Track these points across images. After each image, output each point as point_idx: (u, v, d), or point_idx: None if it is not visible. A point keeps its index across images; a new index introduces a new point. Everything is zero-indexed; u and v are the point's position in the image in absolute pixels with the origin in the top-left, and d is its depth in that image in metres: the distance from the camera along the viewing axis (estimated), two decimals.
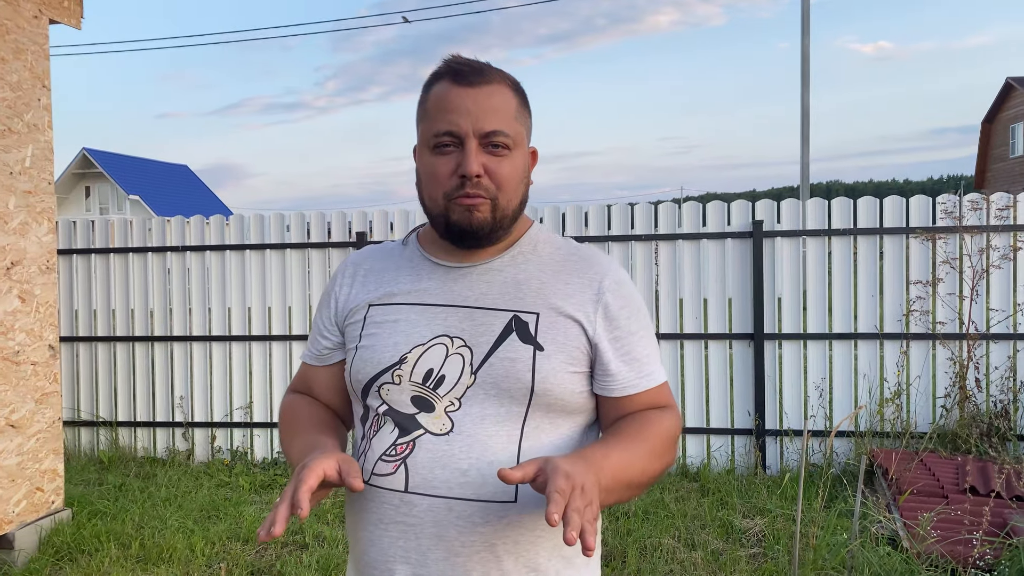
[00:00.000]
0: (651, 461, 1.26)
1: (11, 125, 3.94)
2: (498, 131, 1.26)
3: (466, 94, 1.27)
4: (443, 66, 1.31)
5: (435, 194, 1.30)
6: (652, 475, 1.27)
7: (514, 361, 1.26)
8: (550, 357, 1.27)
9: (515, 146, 1.30)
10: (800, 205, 5.43)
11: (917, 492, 4.21)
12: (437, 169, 1.28)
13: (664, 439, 1.30)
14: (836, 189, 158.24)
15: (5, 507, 3.90)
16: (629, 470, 1.22)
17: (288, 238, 5.95)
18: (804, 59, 15.89)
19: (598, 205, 5.68)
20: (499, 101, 1.28)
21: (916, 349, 5.27)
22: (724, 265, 5.48)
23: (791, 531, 4.05)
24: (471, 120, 1.26)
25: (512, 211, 1.31)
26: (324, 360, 1.45)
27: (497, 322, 1.29)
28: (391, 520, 1.27)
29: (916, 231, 5.23)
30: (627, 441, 1.25)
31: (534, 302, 1.30)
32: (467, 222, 1.28)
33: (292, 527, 4.43)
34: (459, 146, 1.27)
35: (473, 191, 1.26)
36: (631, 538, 4.11)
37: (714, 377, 5.50)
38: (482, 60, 1.33)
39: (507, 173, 1.28)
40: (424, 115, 1.32)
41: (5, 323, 3.90)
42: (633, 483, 1.23)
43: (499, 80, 1.30)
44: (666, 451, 1.31)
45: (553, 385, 1.26)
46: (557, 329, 1.29)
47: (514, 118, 1.30)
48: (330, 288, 1.46)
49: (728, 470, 5.34)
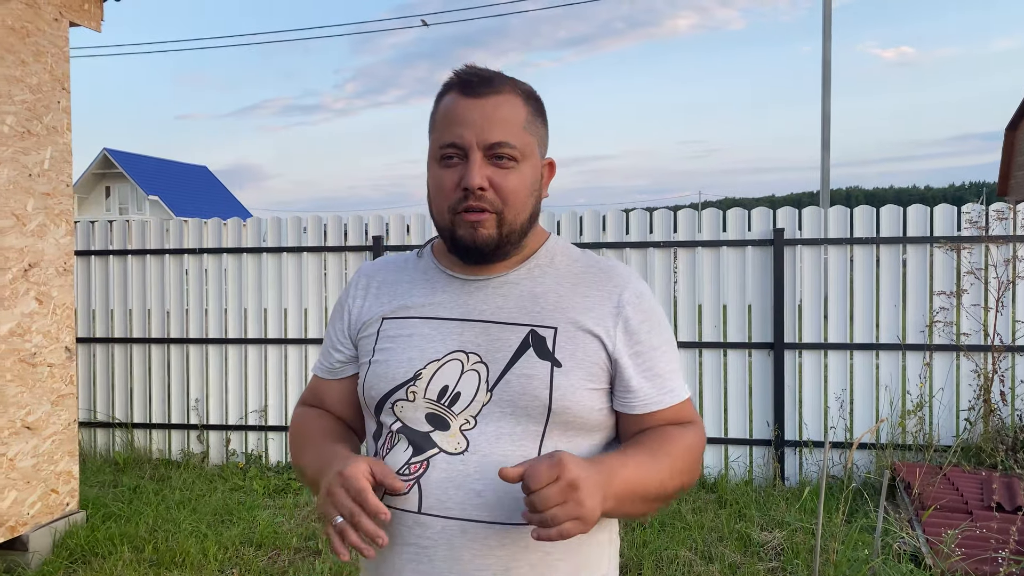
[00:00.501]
0: (671, 476, 1.22)
1: (30, 127, 3.95)
2: (503, 143, 1.22)
3: (472, 105, 1.23)
4: (453, 77, 1.28)
5: (441, 206, 1.27)
6: (671, 491, 1.23)
7: (531, 378, 1.22)
8: (568, 373, 1.23)
9: (523, 158, 1.25)
10: (822, 213, 5.36)
11: (941, 508, 4.13)
12: (443, 181, 1.25)
13: (687, 455, 1.26)
14: (856, 195, 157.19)
15: (20, 509, 3.90)
16: (646, 482, 1.18)
17: (305, 241, 5.94)
18: (825, 64, 15.75)
19: (616, 211, 5.63)
20: (507, 112, 1.24)
21: (939, 361, 5.18)
22: (744, 273, 5.41)
23: (810, 545, 3.98)
24: (476, 131, 1.22)
25: (520, 225, 1.27)
26: (336, 374, 1.42)
27: (514, 337, 1.25)
28: (404, 541, 1.24)
29: (940, 240, 5.15)
30: (647, 453, 1.22)
31: (552, 316, 1.26)
32: (471, 238, 1.25)
33: (305, 532, 4.40)
34: (464, 158, 1.23)
35: (476, 204, 1.23)
36: (647, 549, 4.06)
37: (733, 386, 5.43)
38: (494, 69, 1.29)
39: (513, 186, 1.24)
40: (433, 126, 1.29)
41: (22, 325, 3.90)
42: (649, 496, 1.19)
43: (509, 90, 1.26)
44: (689, 468, 1.27)
45: (572, 403, 1.22)
46: (576, 344, 1.25)
47: (523, 129, 1.25)
48: (343, 299, 1.42)
49: (746, 481, 5.27)
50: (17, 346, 3.87)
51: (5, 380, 3.80)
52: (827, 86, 15.74)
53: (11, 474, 3.84)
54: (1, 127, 3.77)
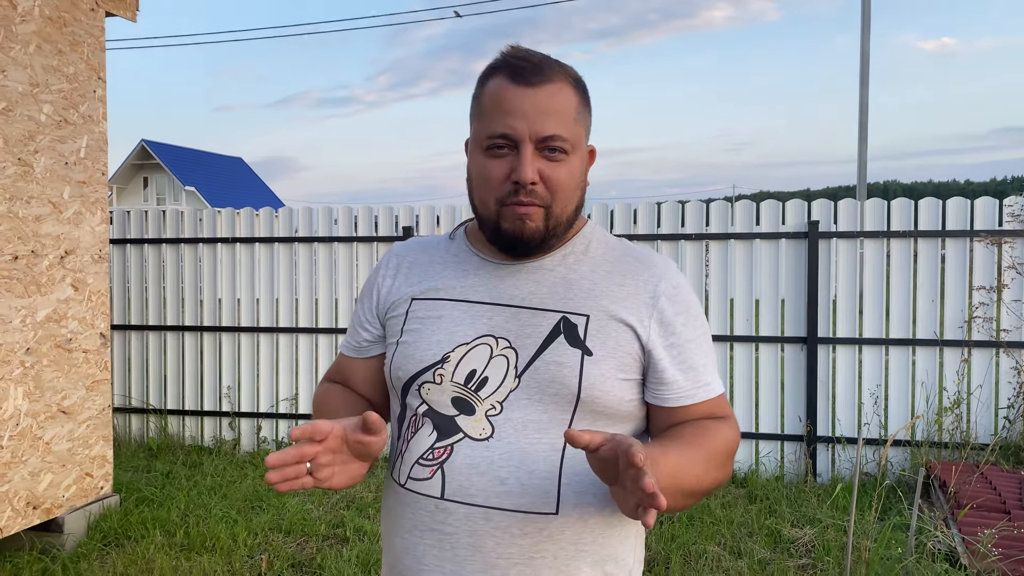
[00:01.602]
0: (707, 470, 1.19)
1: (67, 116, 4.00)
2: (556, 136, 1.19)
3: (524, 94, 1.19)
4: (500, 60, 1.23)
5: (486, 197, 1.23)
6: (707, 486, 1.19)
7: (561, 365, 1.20)
8: (599, 362, 1.20)
9: (573, 150, 1.22)
10: (858, 205, 5.26)
11: (977, 507, 4.04)
12: (490, 172, 1.21)
13: (722, 450, 1.23)
14: (894, 189, 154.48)
15: (56, 491, 3.98)
16: (684, 474, 1.14)
17: (336, 231, 5.97)
18: (864, 56, 15.48)
19: (648, 203, 5.57)
20: (559, 103, 1.20)
21: (978, 357, 5.06)
22: (778, 266, 5.34)
23: (842, 543, 3.92)
24: (528, 123, 1.18)
25: (567, 218, 1.25)
26: (363, 352, 1.40)
27: (545, 323, 1.23)
28: (426, 527, 1.22)
29: (981, 234, 5.02)
30: (685, 445, 1.18)
31: (585, 303, 1.24)
32: (519, 232, 1.21)
33: (333, 520, 4.43)
34: (514, 149, 1.19)
35: (527, 199, 1.19)
36: (675, 544, 4.02)
37: (764, 381, 5.37)
38: (542, 53, 1.24)
39: (563, 179, 1.21)
40: (479, 112, 1.25)
41: (58, 311, 3.97)
42: (685, 489, 1.15)
43: (560, 78, 1.21)
44: (723, 463, 1.23)
45: (601, 392, 1.20)
46: (608, 333, 1.22)
47: (574, 120, 1.22)
48: (372, 279, 1.40)
49: (777, 477, 5.20)
50: (53, 332, 3.94)
51: (42, 365, 3.86)
52: (865, 78, 15.47)
53: (47, 457, 3.91)
54: (39, 116, 3.83)
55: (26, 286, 3.77)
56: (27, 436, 3.78)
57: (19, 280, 3.73)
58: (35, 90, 3.80)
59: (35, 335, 3.82)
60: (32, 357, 3.80)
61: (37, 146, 3.82)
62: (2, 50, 3.62)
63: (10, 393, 3.69)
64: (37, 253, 3.83)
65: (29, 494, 3.80)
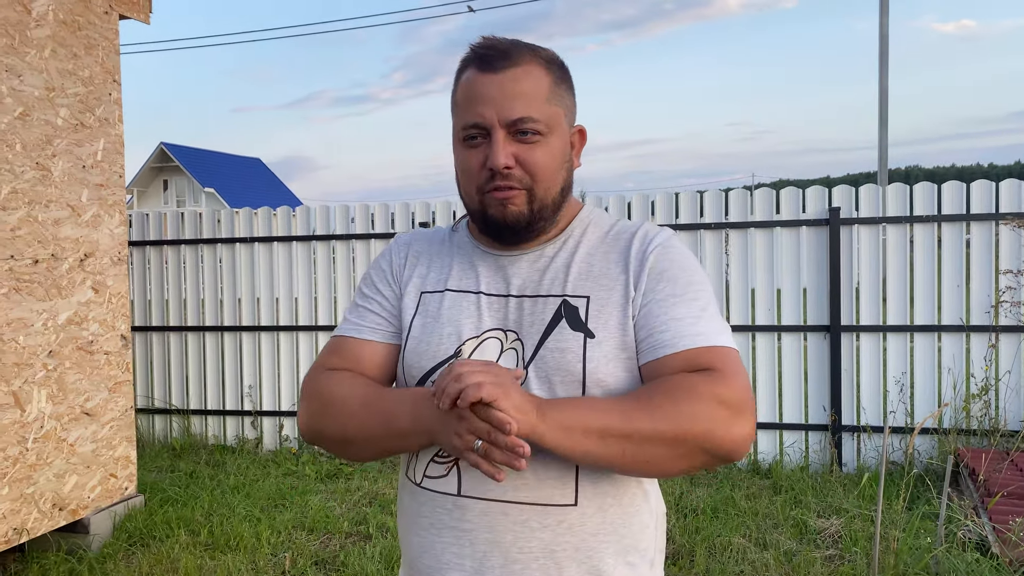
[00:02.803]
0: (642, 412, 1.08)
1: (83, 119, 4.02)
2: (526, 117, 1.18)
3: (490, 81, 1.18)
4: (469, 52, 1.23)
5: (469, 188, 1.23)
6: (648, 430, 1.08)
7: (564, 351, 1.18)
8: (601, 344, 1.18)
9: (549, 131, 1.20)
10: (879, 191, 5.18)
11: (1008, 495, 3.96)
12: (468, 163, 1.21)
13: (669, 393, 1.10)
14: (915, 174, 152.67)
15: (81, 492, 4.01)
16: (602, 413, 1.08)
17: (353, 229, 5.97)
18: (883, 40, 15.28)
19: (666, 193, 5.52)
20: (528, 85, 1.18)
21: (1006, 342, 4.97)
22: (799, 254, 5.27)
23: (870, 533, 3.86)
24: (496, 109, 1.17)
25: (552, 200, 1.23)
26: (380, 330, 1.30)
27: (548, 309, 1.21)
28: (444, 525, 1.21)
29: (1007, 217, 4.93)
30: (609, 394, 1.16)
31: (583, 285, 1.22)
32: (502, 216, 1.21)
33: (356, 517, 4.44)
34: (487, 137, 1.19)
35: (504, 183, 1.18)
36: (699, 536, 3.98)
37: (787, 371, 5.31)
38: (513, 40, 1.23)
39: (541, 161, 1.19)
40: (454, 107, 1.25)
41: (79, 313, 3.99)
42: (612, 430, 1.07)
43: (528, 60, 1.20)
44: (673, 405, 1.08)
45: (605, 374, 1.17)
46: (609, 312, 1.20)
47: (546, 100, 1.20)
48: (385, 259, 1.37)
49: (802, 467, 5.14)
50: (75, 334, 3.96)
51: (64, 367, 3.89)
52: (884, 62, 15.27)
53: (72, 459, 3.94)
54: (55, 120, 3.85)
55: (47, 289, 3.80)
56: (51, 438, 3.81)
57: (40, 284, 3.76)
58: (51, 94, 3.82)
59: (57, 338, 3.85)
60: (54, 360, 3.83)
61: (54, 150, 3.84)
62: (18, 55, 3.64)
63: (34, 396, 3.72)
64: (57, 256, 3.86)
65: (55, 496, 3.84)
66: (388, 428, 1.19)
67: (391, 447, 1.22)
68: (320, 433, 1.26)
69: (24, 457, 3.66)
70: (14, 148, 3.62)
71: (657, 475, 1.17)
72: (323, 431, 1.26)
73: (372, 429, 1.20)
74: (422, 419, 1.15)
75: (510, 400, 1.05)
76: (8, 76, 3.58)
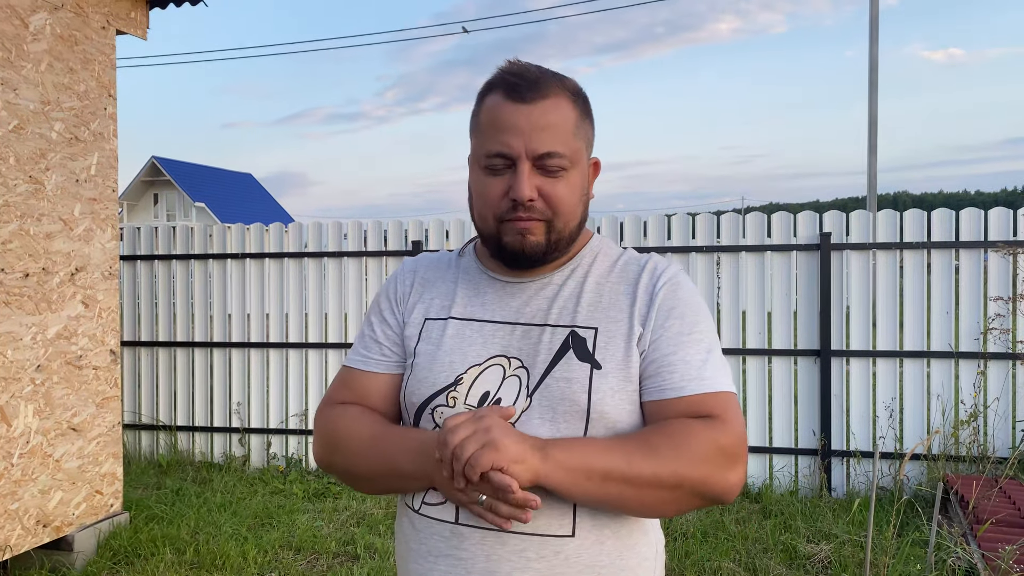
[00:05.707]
0: (645, 456, 1.10)
1: (78, 134, 4.01)
2: (553, 153, 1.18)
3: (519, 111, 1.17)
4: (497, 76, 1.22)
5: (485, 214, 1.22)
6: (648, 474, 1.09)
7: (570, 382, 1.17)
8: (607, 376, 1.18)
9: (572, 165, 1.20)
10: (870, 217, 5.22)
11: (997, 522, 3.97)
12: (488, 190, 1.21)
13: (676, 438, 1.12)
14: (904, 200, 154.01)
15: (66, 509, 3.96)
16: (605, 456, 1.09)
17: (345, 246, 5.97)
18: (872, 66, 15.45)
19: (658, 215, 5.55)
20: (556, 118, 1.18)
21: (995, 369, 5.00)
22: (789, 278, 5.30)
23: (859, 559, 3.86)
24: (524, 140, 1.17)
25: (569, 232, 1.23)
26: (386, 361, 1.31)
27: (555, 339, 1.21)
28: (441, 553, 1.20)
29: (996, 244, 4.98)
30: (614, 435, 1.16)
31: (592, 316, 1.22)
32: (519, 246, 1.20)
33: (344, 537, 4.40)
34: (511, 167, 1.18)
35: (526, 215, 1.18)
36: (689, 560, 3.97)
37: (777, 394, 5.32)
38: (539, 67, 1.23)
39: (563, 195, 1.20)
40: (476, 129, 1.24)
41: (69, 328, 3.97)
42: (613, 474, 1.08)
43: (557, 92, 1.20)
44: (673, 450, 1.10)
45: (610, 407, 1.17)
46: (616, 345, 1.20)
47: (572, 135, 1.20)
48: (389, 288, 1.37)
49: (791, 491, 5.14)
50: (64, 349, 3.93)
51: (52, 382, 3.86)
52: (874, 88, 15.44)
53: (57, 475, 3.90)
54: (50, 133, 3.84)
55: (37, 303, 3.77)
56: (37, 454, 3.77)
57: (30, 297, 3.73)
58: (46, 108, 3.82)
59: (45, 352, 3.82)
60: (42, 374, 3.80)
61: (48, 164, 3.83)
62: (14, 68, 3.63)
63: (20, 410, 3.68)
64: (48, 270, 3.84)
65: (39, 512, 3.79)
66: (391, 469, 1.21)
67: (396, 486, 1.25)
68: (331, 467, 1.29)
69: (9, 473, 3.62)
70: (7, 161, 3.61)
71: (649, 516, 1.20)
72: (332, 466, 1.29)
73: (377, 468, 1.23)
74: (425, 465, 1.17)
75: (507, 454, 1.05)
76: (3, 89, 3.58)
